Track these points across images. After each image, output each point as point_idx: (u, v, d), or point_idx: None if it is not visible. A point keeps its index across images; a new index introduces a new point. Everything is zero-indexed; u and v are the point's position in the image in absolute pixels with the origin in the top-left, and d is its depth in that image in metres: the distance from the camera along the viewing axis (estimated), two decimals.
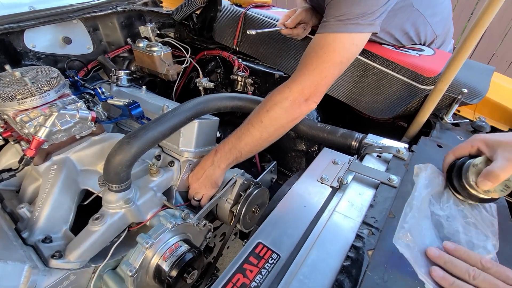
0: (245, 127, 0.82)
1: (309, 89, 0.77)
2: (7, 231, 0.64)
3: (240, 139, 0.81)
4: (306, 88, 0.77)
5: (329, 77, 0.77)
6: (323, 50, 0.75)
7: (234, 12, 1.30)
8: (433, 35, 1.07)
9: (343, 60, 0.76)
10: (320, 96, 0.80)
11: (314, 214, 0.58)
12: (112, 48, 1.30)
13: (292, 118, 0.80)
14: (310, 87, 0.77)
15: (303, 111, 0.80)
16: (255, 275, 0.48)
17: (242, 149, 0.81)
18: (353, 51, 0.78)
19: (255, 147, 0.82)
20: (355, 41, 0.76)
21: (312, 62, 0.76)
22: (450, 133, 0.84)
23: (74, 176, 0.78)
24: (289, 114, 0.79)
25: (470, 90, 0.86)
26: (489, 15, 0.64)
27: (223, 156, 0.82)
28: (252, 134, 0.80)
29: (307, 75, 0.76)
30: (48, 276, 0.59)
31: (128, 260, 0.67)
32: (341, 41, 0.75)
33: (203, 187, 0.84)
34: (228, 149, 0.82)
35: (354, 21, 0.73)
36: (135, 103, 0.84)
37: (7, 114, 0.70)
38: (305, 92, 0.77)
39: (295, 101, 0.77)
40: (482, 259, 0.45)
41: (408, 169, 0.64)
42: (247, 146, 0.81)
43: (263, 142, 0.82)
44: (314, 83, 0.76)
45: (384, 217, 0.53)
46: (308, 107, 0.80)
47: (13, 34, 1.02)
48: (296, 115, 0.80)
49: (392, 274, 0.46)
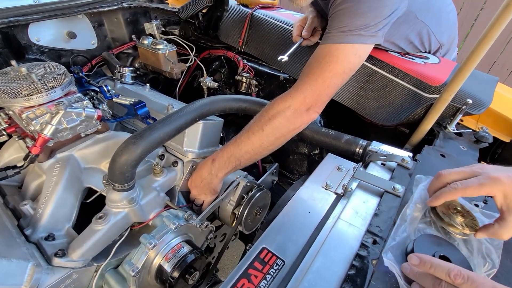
0: (244, 135, 0.80)
1: (310, 99, 0.77)
2: (10, 227, 0.64)
3: (239, 147, 0.80)
4: (308, 98, 0.76)
5: (331, 87, 0.77)
6: (326, 60, 0.76)
7: (240, 13, 1.29)
8: (438, 44, 1.07)
9: (346, 70, 0.77)
10: (321, 106, 0.80)
11: (318, 221, 0.59)
12: (116, 44, 1.30)
13: (294, 128, 0.80)
14: (312, 96, 0.76)
15: (304, 121, 0.80)
16: (260, 281, 0.48)
17: (242, 157, 0.80)
18: (355, 62, 0.78)
19: (255, 155, 0.81)
20: (358, 52, 0.77)
21: (315, 72, 0.77)
22: (453, 142, 0.85)
23: (78, 174, 0.78)
24: (291, 123, 0.78)
25: (475, 100, 0.86)
26: (499, 27, 0.64)
27: (221, 165, 0.80)
28: (252, 142, 0.79)
29: (309, 85, 0.77)
30: (51, 275, 0.59)
31: (131, 260, 0.67)
32: (343, 52, 0.75)
33: (203, 194, 0.84)
34: (227, 157, 0.80)
35: (357, 32, 0.74)
36: (141, 102, 0.84)
37: (13, 110, 0.69)
38: (307, 102, 0.77)
39: (297, 111, 0.77)
40: (450, 273, 0.40)
41: (412, 179, 0.65)
42: (247, 154, 0.80)
43: (264, 150, 0.81)
44: (316, 93, 0.76)
45: (388, 226, 0.53)
46: (309, 117, 0.79)
47: (18, 28, 1.01)
48: (298, 125, 0.80)
49: (395, 284, 0.46)
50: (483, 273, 0.49)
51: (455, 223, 0.53)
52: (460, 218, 0.54)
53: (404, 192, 0.60)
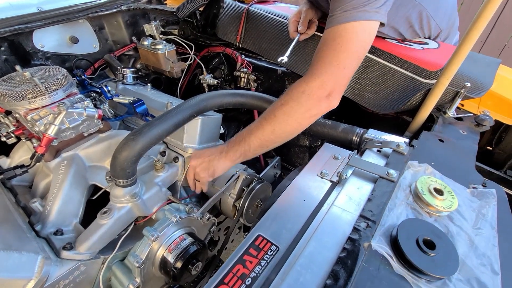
0: (258, 121, 0.78)
1: (329, 83, 0.72)
2: (21, 224, 0.68)
3: (251, 132, 0.77)
4: (326, 82, 0.72)
5: (347, 68, 0.73)
6: (336, 42, 0.72)
7: (236, 8, 1.30)
8: (438, 29, 1.05)
9: (359, 49, 0.73)
10: (341, 91, 0.75)
11: (313, 208, 0.60)
12: (117, 47, 1.33)
13: (310, 115, 0.75)
14: (330, 80, 0.72)
15: (322, 108, 0.75)
16: (254, 266, 0.50)
17: (252, 143, 0.77)
18: (366, 39, 0.75)
19: (265, 142, 0.77)
20: (366, 29, 0.73)
21: (327, 55, 0.73)
22: (453, 127, 0.84)
23: (83, 172, 0.81)
24: (306, 110, 0.74)
25: (474, 83, 0.85)
26: (491, 8, 0.63)
27: (232, 148, 0.79)
28: (264, 128, 0.76)
29: (325, 69, 0.72)
30: (60, 267, 0.62)
31: (135, 252, 0.70)
32: (352, 30, 0.72)
33: (202, 170, 0.82)
34: (238, 141, 0.79)
35: (361, 9, 0.71)
36: (140, 100, 0.86)
37: (19, 112, 0.73)
38: (326, 87, 0.72)
39: (313, 96, 0.73)
40: None
41: (407, 164, 0.65)
42: (257, 140, 0.77)
43: (275, 138, 0.77)
44: (333, 76, 0.72)
45: (381, 210, 0.54)
46: (329, 104, 0.74)
47: (23, 35, 1.05)
48: (314, 112, 0.75)
49: (387, 266, 0.47)
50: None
51: (434, 204, 0.55)
52: (439, 197, 0.56)
53: (398, 177, 0.60)
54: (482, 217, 0.56)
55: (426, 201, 0.56)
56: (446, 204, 0.55)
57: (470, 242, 0.52)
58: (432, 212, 0.56)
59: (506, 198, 0.62)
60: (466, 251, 0.50)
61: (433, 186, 0.58)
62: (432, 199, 0.56)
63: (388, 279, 0.45)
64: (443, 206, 0.55)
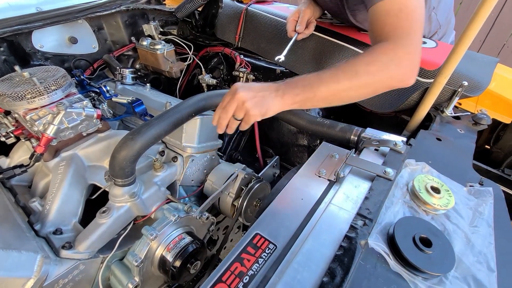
0: (333, 72, 0.68)
1: (415, 57, 0.69)
2: (20, 223, 0.68)
3: (321, 80, 0.68)
4: (412, 54, 0.68)
5: (421, 38, 0.70)
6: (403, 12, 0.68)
7: (235, 8, 1.30)
8: (438, 25, 1.06)
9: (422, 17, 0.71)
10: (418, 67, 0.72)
11: (310, 207, 0.60)
12: (116, 47, 1.33)
13: (389, 84, 0.71)
14: (416, 53, 0.69)
15: (405, 80, 0.70)
16: (252, 264, 0.50)
17: (319, 92, 0.67)
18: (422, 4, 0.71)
19: (333, 96, 0.69)
20: None
21: (402, 26, 0.68)
22: (451, 126, 0.84)
23: (82, 172, 0.82)
24: (389, 77, 0.69)
25: (471, 82, 0.85)
26: (488, 7, 0.63)
27: (292, 90, 0.68)
28: (339, 82, 0.67)
29: (410, 40, 0.68)
30: (59, 266, 0.63)
31: (134, 251, 0.70)
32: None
33: (255, 106, 0.66)
34: (302, 85, 0.68)
35: None
36: (138, 100, 0.86)
37: (18, 112, 0.73)
38: (413, 60, 0.69)
39: (402, 66, 0.68)
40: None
41: (404, 162, 0.65)
42: (327, 91, 0.67)
43: (345, 96, 0.70)
44: (418, 49, 0.69)
45: (378, 209, 0.54)
46: (410, 80, 0.70)
47: (22, 35, 1.05)
48: (395, 82, 0.70)
49: (384, 263, 0.47)
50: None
51: (431, 202, 0.56)
52: (436, 195, 0.56)
53: (395, 176, 0.61)
54: (479, 215, 0.57)
55: (423, 199, 0.56)
56: (443, 202, 0.56)
57: (467, 240, 0.52)
58: (429, 210, 0.56)
59: (502, 196, 0.62)
60: (463, 248, 0.50)
61: (430, 184, 0.58)
62: (429, 197, 0.56)
63: (385, 276, 0.45)
64: (440, 204, 0.55)
